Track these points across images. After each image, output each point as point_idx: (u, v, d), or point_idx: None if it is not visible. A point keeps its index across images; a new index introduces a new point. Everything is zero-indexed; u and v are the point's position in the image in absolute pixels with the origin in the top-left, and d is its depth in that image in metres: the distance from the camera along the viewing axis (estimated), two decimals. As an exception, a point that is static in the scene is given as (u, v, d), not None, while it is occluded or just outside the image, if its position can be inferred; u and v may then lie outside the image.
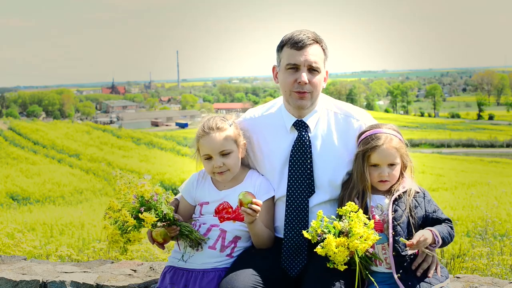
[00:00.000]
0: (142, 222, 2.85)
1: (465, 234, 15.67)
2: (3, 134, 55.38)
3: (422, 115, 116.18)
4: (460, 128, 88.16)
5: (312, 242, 2.77)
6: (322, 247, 2.69)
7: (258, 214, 2.92)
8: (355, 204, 2.82)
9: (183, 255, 3.08)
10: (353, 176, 3.03)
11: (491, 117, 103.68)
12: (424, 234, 2.76)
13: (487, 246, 5.31)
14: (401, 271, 2.83)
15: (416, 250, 2.83)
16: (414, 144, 67.58)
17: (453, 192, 28.39)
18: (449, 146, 67.56)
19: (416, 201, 2.94)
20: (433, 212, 2.94)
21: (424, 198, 2.97)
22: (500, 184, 26.46)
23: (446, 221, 2.92)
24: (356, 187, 2.99)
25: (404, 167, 3.02)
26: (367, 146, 2.95)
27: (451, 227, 2.92)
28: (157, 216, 2.87)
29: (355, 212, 2.72)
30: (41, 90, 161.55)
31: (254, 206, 2.89)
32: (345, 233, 2.69)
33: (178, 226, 3.00)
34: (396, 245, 2.82)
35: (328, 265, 2.70)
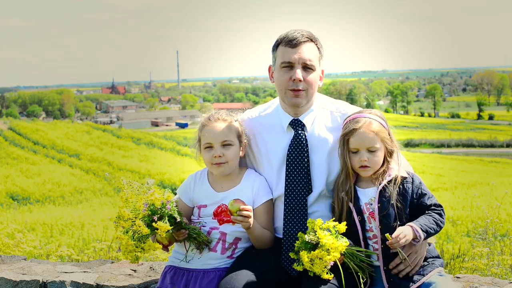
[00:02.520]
0: (156, 231, 2.84)
1: (465, 234, 15.65)
2: (3, 134, 55.37)
3: (422, 115, 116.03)
4: (460, 128, 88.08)
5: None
6: (298, 264, 2.78)
7: (251, 219, 2.92)
8: (343, 197, 2.88)
9: (186, 256, 3.08)
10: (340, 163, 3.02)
11: (491, 117, 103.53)
12: (404, 231, 2.68)
13: (487, 246, 5.30)
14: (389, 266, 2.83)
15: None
16: (414, 144, 67.61)
17: (453, 192, 28.39)
18: (449, 146, 67.54)
19: (404, 187, 2.86)
20: (419, 198, 2.85)
21: (412, 183, 2.88)
22: (500, 184, 26.40)
23: (433, 207, 2.83)
24: (342, 174, 2.97)
25: (388, 153, 2.93)
26: (346, 130, 2.95)
27: (439, 214, 2.81)
28: (170, 224, 2.87)
29: (319, 225, 2.75)
30: (41, 90, 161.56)
31: (243, 213, 2.89)
32: (318, 245, 2.72)
33: (187, 230, 3.00)
34: (383, 238, 2.79)
35: (310, 274, 2.75)
